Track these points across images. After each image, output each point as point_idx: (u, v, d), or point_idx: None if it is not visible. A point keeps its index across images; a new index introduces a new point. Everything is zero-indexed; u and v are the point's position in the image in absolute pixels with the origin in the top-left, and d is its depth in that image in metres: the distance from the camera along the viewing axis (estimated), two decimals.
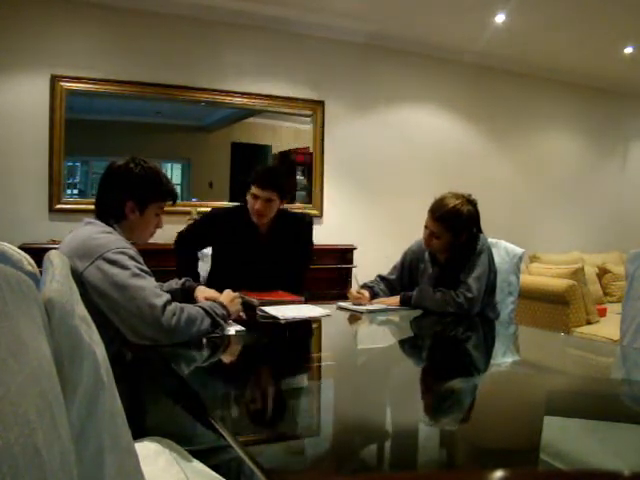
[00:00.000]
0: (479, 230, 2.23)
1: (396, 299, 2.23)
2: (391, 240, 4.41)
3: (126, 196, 1.68)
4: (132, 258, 1.51)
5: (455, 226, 2.13)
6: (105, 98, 3.84)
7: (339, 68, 4.54)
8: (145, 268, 1.54)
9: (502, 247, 2.48)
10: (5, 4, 3.52)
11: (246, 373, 1.45)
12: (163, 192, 1.74)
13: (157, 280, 2.00)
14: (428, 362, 1.65)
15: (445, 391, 1.30)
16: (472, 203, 2.19)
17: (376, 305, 2.23)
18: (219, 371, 1.46)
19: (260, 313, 1.98)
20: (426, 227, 2.19)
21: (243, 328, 1.70)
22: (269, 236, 2.44)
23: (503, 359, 1.74)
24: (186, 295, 1.86)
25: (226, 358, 1.59)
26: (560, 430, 1.04)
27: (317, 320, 2.01)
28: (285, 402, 1.21)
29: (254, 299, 2.15)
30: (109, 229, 1.61)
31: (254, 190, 2.32)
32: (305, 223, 2.57)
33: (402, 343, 1.93)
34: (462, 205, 2.14)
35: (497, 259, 2.43)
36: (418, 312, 2.17)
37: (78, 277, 1.45)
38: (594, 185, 5.94)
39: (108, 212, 1.68)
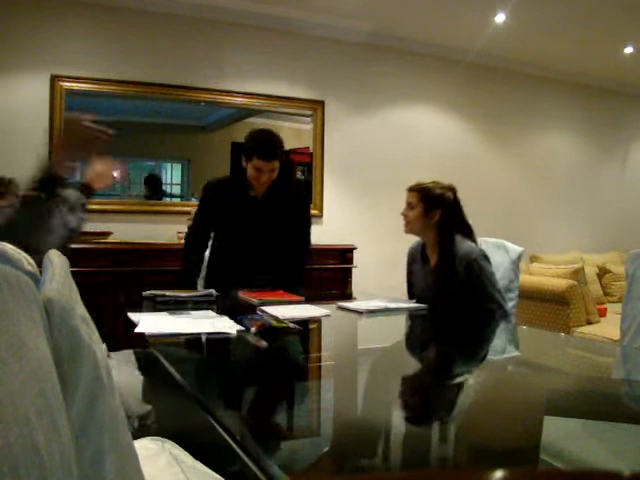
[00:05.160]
0: (461, 227, 2.23)
1: None
2: (391, 240, 4.41)
3: None
4: None
5: (427, 196, 2.19)
6: (105, 98, 3.84)
7: (339, 68, 4.54)
8: None
9: (502, 246, 2.49)
10: (5, 4, 3.52)
11: (246, 373, 1.45)
12: None
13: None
14: (428, 362, 1.65)
15: (445, 391, 1.30)
16: (451, 189, 2.23)
17: (376, 305, 2.22)
18: (219, 371, 1.46)
19: (260, 313, 1.98)
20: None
21: (243, 328, 1.70)
22: (267, 201, 2.42)
23: (503, 359, 1.74)
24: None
25: (226, 358, 1.59)
26: (560, 430, 1.04)
27: (317, 320, 2.01)
28: (285, 402, 1.21)
29: (254, 299, 2.15)
30: None
31: (257, 163, 2.29)
32: (300, 186, 2.58)
33: (402, 343, 1.93)
34: (438, 185, 2.23)
35: (497, 258, 2.44)
36: (418, 312, 2.17)
37: None
38: (594, 185, 5.94)
39: None
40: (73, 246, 1.55)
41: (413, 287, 2.41)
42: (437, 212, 2.18)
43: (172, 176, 4.27)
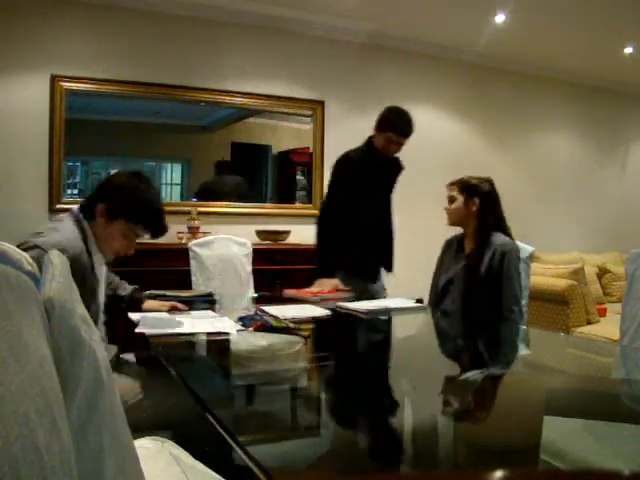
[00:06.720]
0: (499, 220, 2.30)
1: None
2: None
3: (101, 198, 1.68)
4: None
5: (465, 187, 2.27)
6: (105, 98, 3.84)
7: (339, 68, 4.54)
8: None
9: None
10: (5, 5, 3.52)
11: (246, 373, 1.45)
12: (141, 216, 1.68)
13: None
14: (428, 362, 1.65)
15: (445, 391, 1.30)
16: (487, 181, 2.31)
17: (376, 305, 2.22)
18: (219, 371, 1.46)
19: (259, 313, 1.98)
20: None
21: (243, 328, 1.70)
22: (389, 163, 2.72)
23: (503, 359, 1.74)
24: (134, 304, 1.95)
25: (226, 358, 1.59)
26: (560, 430, 1.04)
27: (317, 320, 2.01)
28: (285, 402, 1.21)
29: (313, 297, 2.28)
30: (66, 227, 1.61)
31: (396, 138, 2.58)
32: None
33: (402, 343, 1.93)
34: (473, 177, 2.32)
35: None
36: (419, 311, 2.18)
37: None
38: (594, 185, 5.94)
39: (83, 205, 1.70)
40: None
41: (440, 276, 2.36)
42: (476, 200, 2.24)
43: (172, 176, 4.27)
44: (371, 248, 2.65)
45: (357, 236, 2.57)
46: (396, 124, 2.57)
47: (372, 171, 2.58)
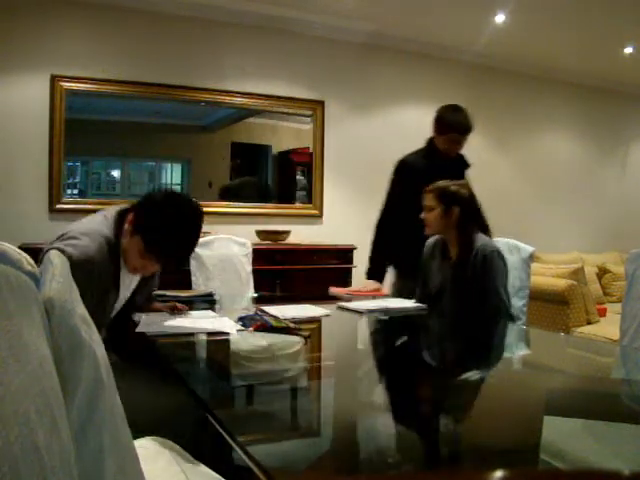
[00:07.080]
0: (479, 222, 2.24)
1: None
2: None
3: (135, 207, 1.62)
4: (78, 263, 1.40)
5: (443, 195, 2.19)
6: (105, 98, 3.84)
7: (339, 68, 4.54)
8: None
9: (513, 245, 2.51)
10: (5, 5, 3.52)
11: (246, 373, 1.45)
12: (156, 244, 1.55)
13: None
14: (428, 362, 1.65)
15: (445, 391, 1.30)
16: (464, 186, 2.25)
17: (376, 305, 2.22)
18: (219, 371, 1.46)
19: (259, 313, 1.98)
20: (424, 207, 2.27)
21: (243, 328, 1.70)
22: (454, 161, 2.69)
23: (503, 359, 1.74)
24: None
25: (226, 358, 1.59)
26: (560, 430, 1.04)
27: (317, 320, 2.01)
28: (285, 402, 1.21)
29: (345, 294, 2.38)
30: (102, 227, 1.58)
31: (455, 137, 2.56)
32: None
33: (402, 343, 1.93)
34: (451, 183, 2.23)
35: (508, 257, 2.45)
36: (420, 312, 2.18)
37: None
38: (594, 185, 5.94)
39: (125, 209, 1.66)
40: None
41: (428, 283, 2.33)
42: (456, 209, 2.16)
43: (172, 176, 4.27)
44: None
45: (417, 237, 2.53)
46: (456, 124, 2.58)
47: (435, 173, 2.57)
